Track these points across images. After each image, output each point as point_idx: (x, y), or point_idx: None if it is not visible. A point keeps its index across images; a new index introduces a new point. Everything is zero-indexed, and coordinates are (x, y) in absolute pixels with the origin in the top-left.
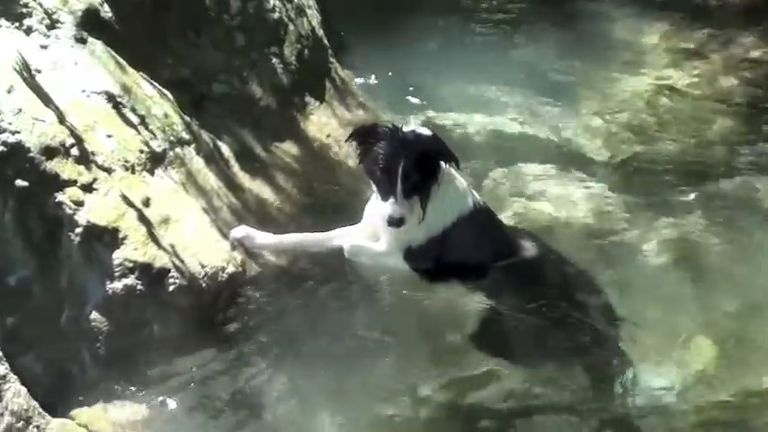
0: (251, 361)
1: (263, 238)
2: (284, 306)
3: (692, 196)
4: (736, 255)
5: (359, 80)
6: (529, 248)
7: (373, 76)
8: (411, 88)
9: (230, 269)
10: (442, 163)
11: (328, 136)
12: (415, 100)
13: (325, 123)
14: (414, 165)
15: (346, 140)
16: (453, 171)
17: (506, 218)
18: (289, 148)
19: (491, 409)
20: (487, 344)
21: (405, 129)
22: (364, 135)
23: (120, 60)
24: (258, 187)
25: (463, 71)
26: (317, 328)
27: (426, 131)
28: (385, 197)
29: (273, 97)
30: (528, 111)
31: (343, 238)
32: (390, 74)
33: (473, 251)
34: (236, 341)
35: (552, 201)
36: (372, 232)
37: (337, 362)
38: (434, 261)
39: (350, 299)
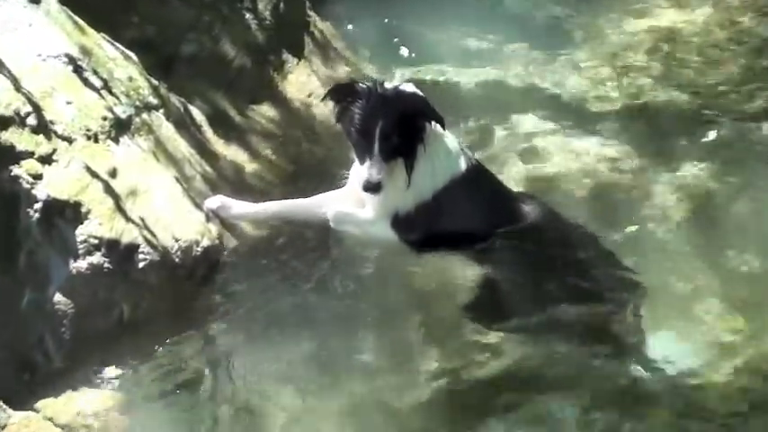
0: (230, 341)
1: (240, 207)
2: (265, 280)
3: (703, 144)
4: (753, 207)
5: (340, 33)
6: (530, 212)
7: (356, 28)
8: (397, 39)
9: (205, 242)
10: (426, 122)
11: (309, 95)
12: (402, 52)
13: (305, 82)
14: (393, 125)
15: (322, 100)
16: (442, 130)
17: (504, 178)
18: (266, 110)
19: (490, 386)
20: (485, 316)
21: (386, 85)
22: (341, 93)
23: (79, 20)
24: (234, 154)
25: (454, 19)
26: (301, 303)
27: (408, 88)
28: (362, 160)
29: (248, 56)
30: (525, 61)
31: (326, 204)
32: (375, 24)
33: (468, 217)
34: (214, 320)
35: (554, 157)
36: (358, 198)
37: (324, 339)
38: (425, 229)
39: (335, 271)
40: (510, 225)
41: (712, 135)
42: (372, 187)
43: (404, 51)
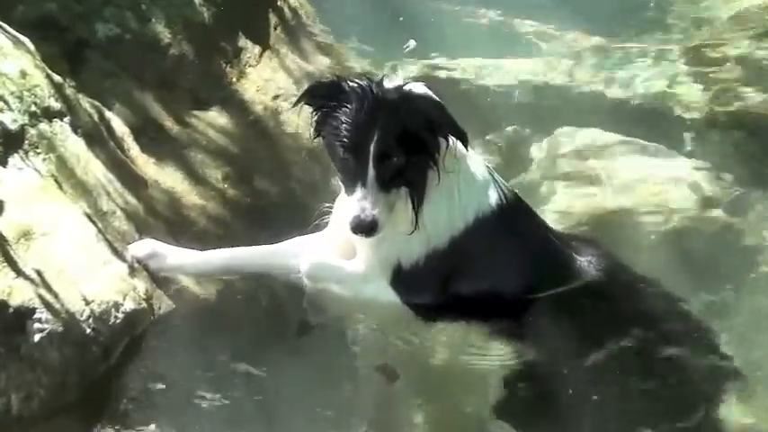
0: None
1: (177, 256)
2: (211, 359)
3: None
4: None
5: (321, 11)
6: (587, 265)
7: (344, 4)
8: (401, 18)
9: (129, 305)
10: (442, 138)
11: (276, 97)
12: (406, 39)
13: (271, 79)
14: (395, 139)
15: (294, 105)
16: (464, 148)
17: (552, 217)
18: (215, 118)
19: None
20: (521, 418)
21: (386, 84)
22: (322, 95)
23: None
24: (170, 179)
25: None
26: (259, 391)
27: (417, 89)
28: (350, 189)
29: (189, 42)
30: (581, 52)
31: (299, 253)
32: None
33: (499, 272)
34: (139, 414)
35: (621, 186)
36: (344, 245)
37: None
38: (439, 289)
39: (310, 346)
40: (558, 285)
41: None
42: (365, 227)
43: (408, 38)
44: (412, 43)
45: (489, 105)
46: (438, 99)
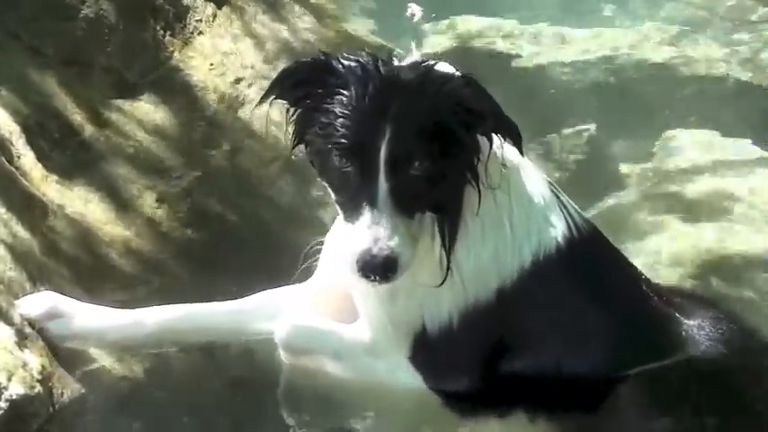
0: None
1: (90, 317)
2: None
3: None
4: None
5: None
6: (698, 333)
7: None
8: None
9: (16, 390)
10: (483, 137)
11: (238, 81)
12: None
13: (230, 53)
14: (416, 134)
15: (262, 100)
16: (517, 154)
17: (648, 261)
18: (147, 112)
19: None
20: None
21: (396, 61)
22: (302, 82)
23: None
24: (80, 203)
25: None
26: None
27: (445, 67)
28: (353, 213)
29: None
30: (682, 18)
31: (273, 312)
32: None
33: (568, 341)
34: None
35: (755, 219)
36: (340, 300)
37: None
38: (479, 365)
39: None
40: (655, 359)
41: None
42: (378, 266)
43: None
44: (416, 9)
45: (553, 94)
46: (474, 77)
